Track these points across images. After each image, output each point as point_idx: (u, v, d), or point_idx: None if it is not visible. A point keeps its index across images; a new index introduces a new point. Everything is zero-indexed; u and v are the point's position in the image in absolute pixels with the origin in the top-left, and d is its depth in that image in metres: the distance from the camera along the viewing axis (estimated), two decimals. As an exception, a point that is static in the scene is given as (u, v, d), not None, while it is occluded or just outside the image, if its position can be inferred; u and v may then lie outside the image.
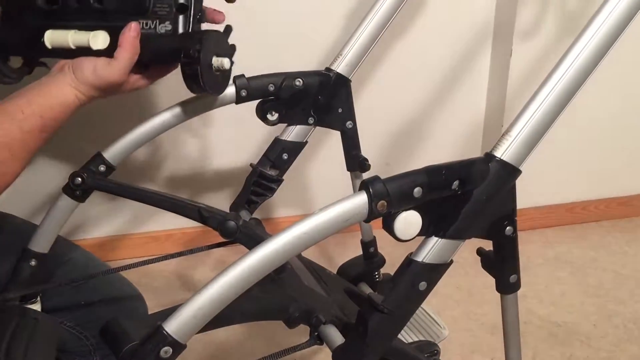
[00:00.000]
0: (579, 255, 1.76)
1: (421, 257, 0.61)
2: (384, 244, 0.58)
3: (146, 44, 0.75)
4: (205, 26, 0.80)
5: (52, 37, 0.77)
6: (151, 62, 0.78)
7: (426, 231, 0.60)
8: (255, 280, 0.54)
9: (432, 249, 0.61)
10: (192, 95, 0.88)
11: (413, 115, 1.77)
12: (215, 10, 0.83)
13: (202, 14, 0.77)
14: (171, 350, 0.54)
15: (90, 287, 0.96)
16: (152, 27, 0.74)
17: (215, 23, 0.83)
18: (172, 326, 0.54)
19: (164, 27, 0.74)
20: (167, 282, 1.63)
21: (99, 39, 0.75)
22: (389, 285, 0.61)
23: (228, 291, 0.53)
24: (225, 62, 0.76)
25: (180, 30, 0.75)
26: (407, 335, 1.09)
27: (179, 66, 0.75)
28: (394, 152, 1.80)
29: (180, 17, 0.74)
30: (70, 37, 0.76)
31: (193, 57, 0.72)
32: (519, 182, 0.64)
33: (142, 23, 0.74)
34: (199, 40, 0.72)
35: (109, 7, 0.76)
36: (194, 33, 0.75)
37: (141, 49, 0.74)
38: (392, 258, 0.91)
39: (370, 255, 1.25)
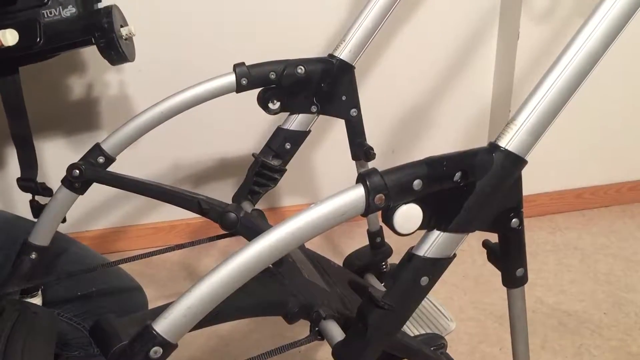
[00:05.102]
0: (588, 242, 1.74)
1: (422, 252, 0.59)
2: (391, 234, 0.56)
3: (56, 29, 0.81)
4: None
5: None
6: (65, 46, 0.85)
7: (427, 225, 0.58)
8: (247, 278, 0.52)
9: (433, 243, 0.59)
10: (189, 85, 0.88)
11: (419, 101, 1.75)
12: None
13: None
14: (161, 350, 0.52)
15: (89, 279, 0.95)
16: (57, 13, 0.81)
17: None
18: (161, 325, 0.52)
19: (69, 11, 0.81)
20: (171, 273, 1.62)
21: (9, 37, 0.79)
22: (390, 280, 0.59)
23: (219, 290, 0.51)
24: (132, 28, 0.86)
25: (84, 9, 0.82)
26: (412, 328, 1.07)
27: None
28: (400, 139, 1.78)
29: None
30: None
31: (106, 29, 0.81)
32: (527, 167, 0.62)
33: (46, 12, 0.81)
34: (107, 14, 0.81)
35: (10, 7, 0.81)
36: (98, 10, 0.83)
37: (52, 35, 0.81)
38: (400, 248, 0.90)
39: (377, 245, 1.23)
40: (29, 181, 0.91)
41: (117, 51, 0.83)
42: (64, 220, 0.91)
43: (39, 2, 0.81)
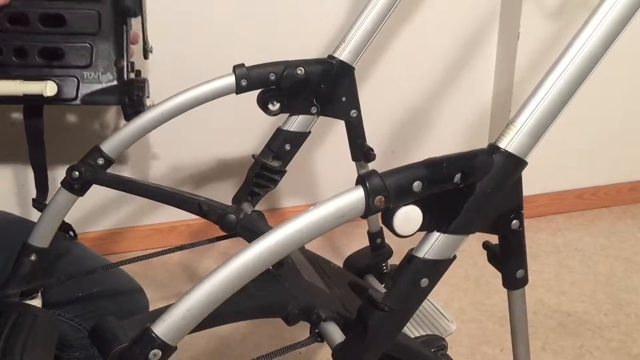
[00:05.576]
0: (589, 243, 1.74)
1: (422, 253, 0.59)
2: (392, 234, 0.56)
3: (91, 91, 0.87)
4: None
5: None
6: (94, 104, 0.89)
7: (427, 226, 0.58)
8: (247, 280, 0.52)
9: (433, 245, 0.58)
10: (189, 86, 0.88)
11: (419, 102, 1.75)
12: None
13: (133, 64, 0.90)
14: (160, 353, 0.52)
15: (90, 281, 0.95)
16: (96, 77, 0.86)
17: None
18: (160, 328, 0.52)
19: (106, 78, 0.87)
20: (171, 275, 1.62)
21: (48, 89, 0.83)
22: (390, 282, 0.59)
23: (219, 292, 0.51)
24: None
25: (119, 79, 0.87)
26: (413, 330, 1.07)
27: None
28: (400, 140, 1.78)
29: (119, 69, 0.87)
30: (22, 87, 0.83)
31: (135, 101, 0.87)
32: (528, 168, 0.62)
33: (87, 74, 0.86)
34: (139, 88, 0.87)
35: (55, 62, 0.86)
36: (132, 81, 0.88)
37: (87, 95, 0.86)
38: (400, 249, 0.90)
39: (377, 246, 1.23)
40: (40, 203, 0.95)
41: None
42: (65, 228, 0.92)
43: (85, 63, 0.86)
